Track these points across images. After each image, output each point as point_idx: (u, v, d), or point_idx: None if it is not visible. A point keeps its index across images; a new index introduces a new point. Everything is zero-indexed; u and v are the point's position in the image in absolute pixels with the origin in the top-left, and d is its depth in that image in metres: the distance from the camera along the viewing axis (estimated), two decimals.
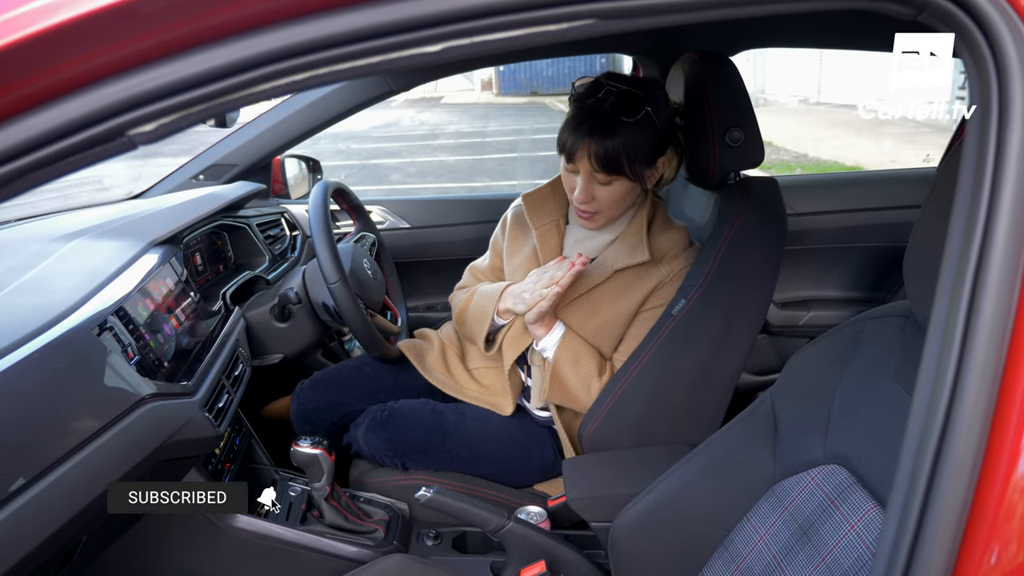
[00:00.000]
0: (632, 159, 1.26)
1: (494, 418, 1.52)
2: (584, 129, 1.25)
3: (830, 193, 2.11)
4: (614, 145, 1.24)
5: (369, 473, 1.54)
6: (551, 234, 1.45)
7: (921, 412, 0.53)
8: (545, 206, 1.47)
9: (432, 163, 9.36)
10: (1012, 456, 0.51)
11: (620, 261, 1.39)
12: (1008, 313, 0.50)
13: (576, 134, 1.26)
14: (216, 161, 1.96)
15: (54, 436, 0.87)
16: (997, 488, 0.51)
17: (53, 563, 0.97)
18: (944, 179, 0.70)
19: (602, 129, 1.24)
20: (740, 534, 0.96)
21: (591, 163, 1.26)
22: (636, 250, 1.38)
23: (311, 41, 0.45)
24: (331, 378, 1.64)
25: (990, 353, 0.50)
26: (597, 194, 1.30)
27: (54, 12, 0.43)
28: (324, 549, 1.35)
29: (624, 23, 0.48)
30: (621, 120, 1.24)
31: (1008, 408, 0.51)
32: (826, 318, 2.06)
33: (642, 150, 1.27)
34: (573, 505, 1.27)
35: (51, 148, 0.45)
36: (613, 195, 1.30)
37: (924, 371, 0.53)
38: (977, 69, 0.50)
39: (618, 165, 1.25)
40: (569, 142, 1.27)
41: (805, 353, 0.96)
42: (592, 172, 1.27)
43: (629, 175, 1.28)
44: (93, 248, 1.22)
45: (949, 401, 0.51)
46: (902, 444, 0.56)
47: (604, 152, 1.24)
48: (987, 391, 0.50)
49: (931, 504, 0.52)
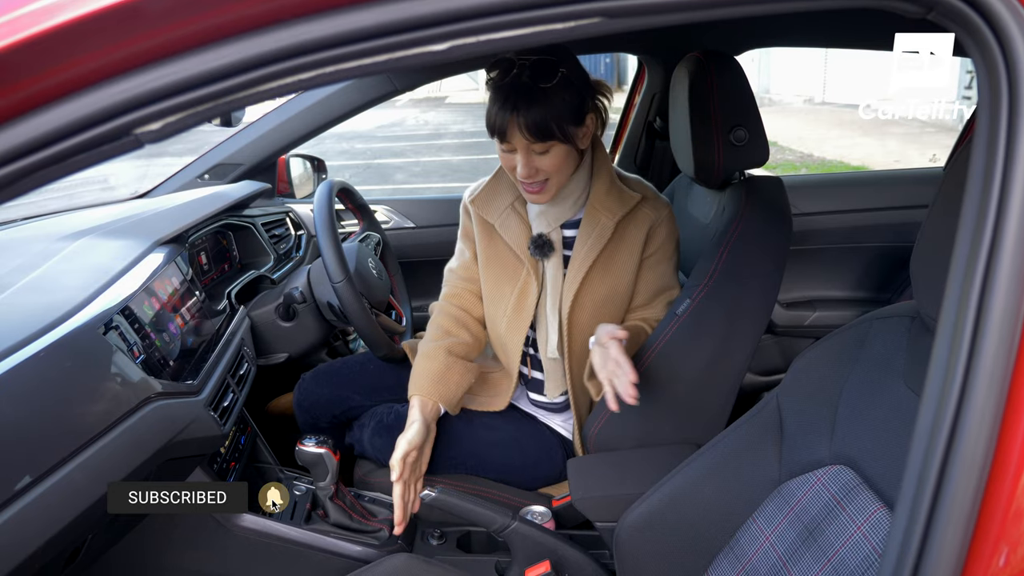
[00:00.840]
0: (560, 121, 1.27)
1: (502, 425, 1.51)
2: (509, 105, 1.26)
3: (835, 193, 2.11)
4: (541, 112, 1.25)
5: (374, 473, 1.54)
6: (511, 219, 1.45)
7: (930, 413, 0.53)
8: (494, 198, 1.47)
9: (436, 163, 9.36)
10: (1021, 457, 0.50)
11: (616, 210, 1.38)
12: (1018, 313, 0.50)
13: (502, 112, 1.27)
14: (221, 160, 1.96)
15: (60, 435, 0.87)
16: (1006, 489, 0.51)
17: (59, 561, 0.97)
18: (952, 179, 0.70)
19: (526, 100, 1.25)
20: (746, 534, 0.96)
21: (523, 134, 1.27)
22: (623, 194, 1.39)
23: (317, 40, 0.45)
24: (334, 371, 1.64)
25: (1000, 354, 0.50)
26: (539, 164, 1.31)
27: (60, 11, 0.43)
28: (329, 548, 1.35)
29: (630, 22, 0.48)
30: (540, 88, 1.25)
31: (1018, 409, 0.50)
32: (831, 318, 2.06)
33: (567, 110, 1.28)
34: (578, 505, 1.27)
35: (58, 146, 0.45)
36: (554, 161, 1.31)
37: (933, 372, 0.53)
38: (987, 68, 0.50)
39: (549, 130, 1.26)
40: (498, 122, 1.28)
41: (811, 353, 0.96)
42: (527, 145, 1.28)
43: (561, 138, 1.28)
44: (98, 247, 1.22)
45: (958, 402, 0.51)
46: (909, 445, 0.55)
47: (533, 121, 1.25)
48: (996, 392, 0.50)
49: (940, 505, 0.52)
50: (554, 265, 1.41)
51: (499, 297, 1.48)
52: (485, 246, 1.49)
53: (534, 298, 1.43)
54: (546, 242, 1.40)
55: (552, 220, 1.40)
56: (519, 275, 1.44)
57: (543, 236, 1.41)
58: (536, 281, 1.42)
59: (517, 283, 1.45)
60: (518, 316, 1.45)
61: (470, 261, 1.55)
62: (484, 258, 1.50)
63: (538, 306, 1.44)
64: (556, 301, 1.41)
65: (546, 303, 1.42)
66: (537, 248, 1.40)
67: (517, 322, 1.45)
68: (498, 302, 1.48)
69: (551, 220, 1.40)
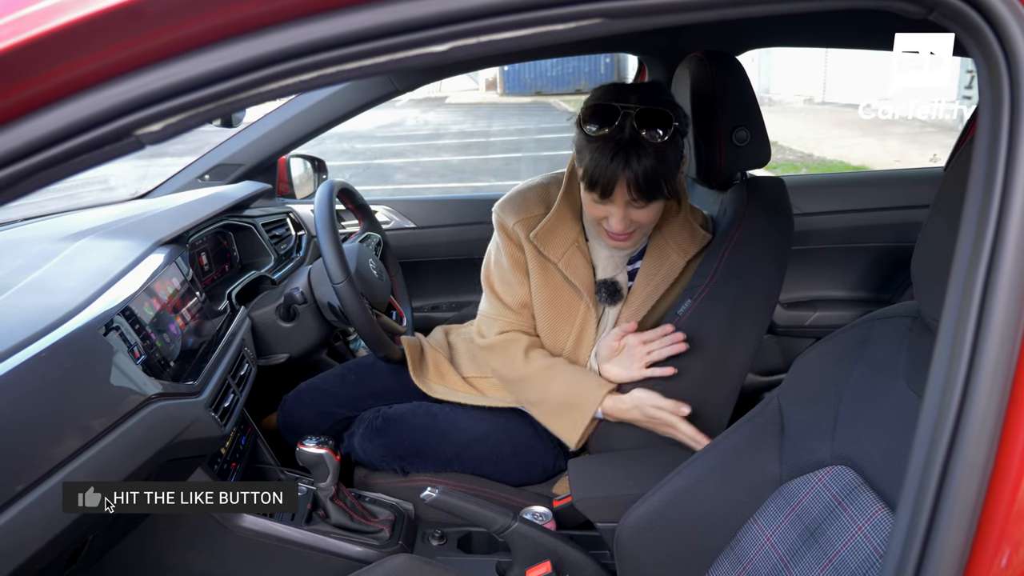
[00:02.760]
0: (668, 178, 1.19)
1: (488, 416, 1.50)
2: (619, 162, 1.14)
3: (836, 193, 2.11)
4: (652, 170, 1.15)
5: (373, 475, 1.54)
6: (576, 258, 1.35)
7: (932, 414, 0.53)
8: (556, 234, 1.36)
9: (437, 163, 9.36)
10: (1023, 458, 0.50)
11: (688, 249, 1.35)
12: (1019, 313, 0.50)
13: (611, 168, 1.15)
14: (222, 161, 1.96)
15: (61, 435, 0.87)
16: (1008, 490, 0.51)
17: (59, 563, 0.97)
18: (953, 179, 0.70)
19: (636, 157, 1.14)
20: (747, 535, 0.96)
21: (630, 193, 1.18)
22: (695, 232, 1.36)
23: (318, 41, 0.45)
24: (315, 388, 1.63)
25: (1002, 354, 0.50)
26: (635, 217, 1.23)
27: (61, 12, 0.43)
28: (329, 549, 1.35)
29: (631, 22, 0.48)
30: (650, 142, 1.15)
31: (1020, 409, 0.50)
32: (832, 318, 2.06)
33: (673, 166, 1.20)
34: (579, 506, 1.27)
35: (59, 148, 0.45)
36: (651, 215, 1.24)
37: (935, 372, 0.53)
38: (988, 68, 0.50)
39: (658, 188, 1.18)
40: (603, 179, 1.16)
41: (812, 354, 0.96)
42: (628, 202, 1.20)
43: (667, 195, 1.21)
44: (99, 248, 1.22)
45: (960, 403, 0.51)
46: (910, 446, 0.55)
47: (644, 181, 1.15)
48: (999, 392, 0.50)
49: (942, 506, 0.52)
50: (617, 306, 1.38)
51: (558, 333, 1.41)
52: (542, 283, 1.38)
53: (593, 335, 1.39)
54: (617, 290, 1.36)
55: (621, 262, 1.36)
56: (577, 311, 1.38)
57: (616, 284, 1.35)
58: (595, 317, 1.39)
59: (575, 320, 1.38)
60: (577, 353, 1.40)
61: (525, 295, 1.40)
62: (542, 296, 1.39)
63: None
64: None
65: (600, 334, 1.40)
66: (609, 296, 1.35)
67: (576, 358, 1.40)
68: (555, 338, 1.41)
69: (620, 262, 1.36)
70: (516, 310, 1.42)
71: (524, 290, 1.40)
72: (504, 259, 1.41)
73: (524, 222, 1.37)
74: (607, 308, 1.39)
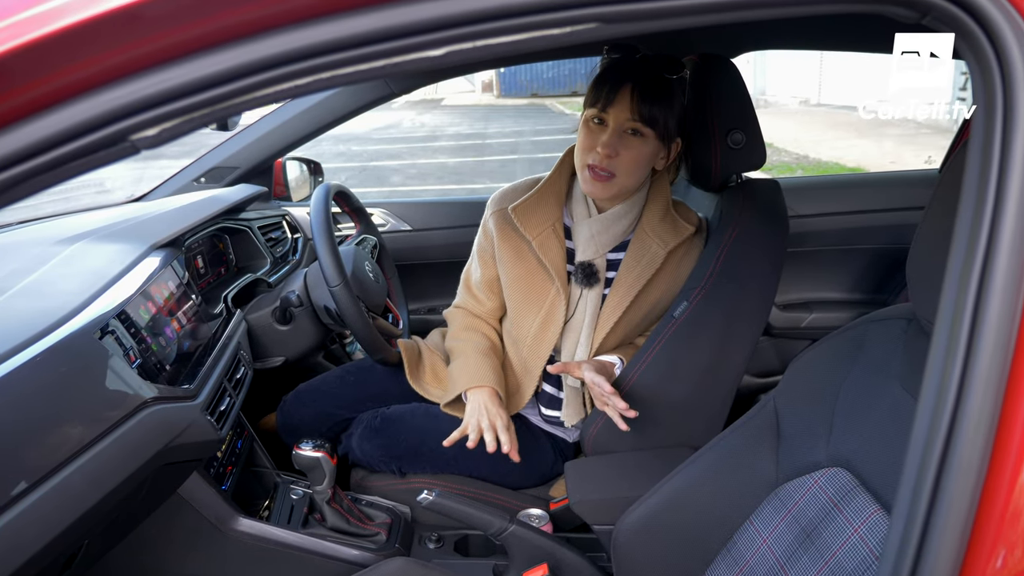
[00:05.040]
0: (667, 116, 1.25)
1: None
2: (628, 76, 1.23)
3: (832, 195, 2.11)
4: (656, 95, 1.23)
5: (370, 478, 1.53)
6: (550, 240, 1.38)
7: (926, 416, 0.53)
8: (536, 213, 1.39)
9: (433, 165, 9.36)
10: (1018, 459, 0.50)
11: (669, 240, 1.36)
12: (1014, 316, 0.50)
13: (618, 78, 1.23)
14: (218, 164, 1.96)
15: (56, 440, 0.87)
16: (1003, 491, 0.51)
17: (55, 567, 0.97)
18: (947, 181, 0.70)
19: (643, 78, 1.22)
20: (743, 537, 0.96)
21: (632, 106, 1.23)
22: (677, 224, 1.37)
23: (314, 46, 0.45)
24: (314, 389, 1.62)
25: (996, 356, 0.50)
26: (621, 149, 1.26)
27: (57, 17, 0.43)
28: (326, 552, 1.35)
29: (627, 27, 0.48)
30: (662, 75, 1.24)
31: (1014, 411, 0.50)
32: (828, 320, 2.06)
33: (674, 114, 1.26)
34: (575, 508, 1.27)
35: (54, 153, 0.45)
36: (636, 156, 1.27)
37: (929, 374, 0.53)
38: (981, 72, 0.50)
39: (655, 116, 1.24)
40: (608, 85, 1.23)
41: (808, 355, 0.96)
42: (624, 122, 1.24)
43: (660, 132, 1.26)
44: (95, 251, 1.22)
45: (955, 404, 0.51)
46: (905, 447, 0.55)
47: (650, 94, 1.22)
48: (993, 394, 0.50)
49: (937, 508, 0.52)
50: (594, 291, 1.38)
51: (524, 316, 1.42)
52: (512, 262, 1.42)
53: (561, 319, 1.39)
54: (593, 272, 1.37)
55: (601, 247, 1.37)
56: (546, 295, 1.39)
57: (592, 266, 1.37)
58: (564, 302, 1.38)
59: (544, 303, 1.40)
60: (543, 337, 1.41)
61: (493, 280, 1.49)
62: (512, 276, 1.43)
63: (564, 327, 1.41)
64: (591, 325, 1.39)
65: (580, 325, 1.40)
66: (585, 278, 1.36)
67: (541, 345, 1.41)
68: (522, 321, 1.43)
69: (600, 247, 1.37)
70: (472, 291, 1.53)
71: (487, 274, 1.49)
72: (477, 242, 1.51)
73: (507, 200, 1.43)
74: (584, 291, 1.38)
